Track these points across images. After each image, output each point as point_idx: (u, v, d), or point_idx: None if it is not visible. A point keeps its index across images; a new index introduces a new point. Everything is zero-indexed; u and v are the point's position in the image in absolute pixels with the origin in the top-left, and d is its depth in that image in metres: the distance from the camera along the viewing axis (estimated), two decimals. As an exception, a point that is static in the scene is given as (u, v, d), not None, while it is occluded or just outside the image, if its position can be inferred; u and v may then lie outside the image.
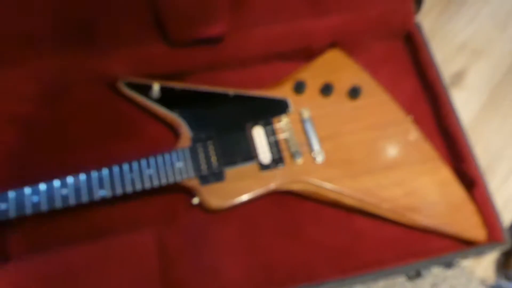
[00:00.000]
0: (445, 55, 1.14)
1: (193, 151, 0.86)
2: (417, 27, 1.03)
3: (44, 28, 0.88)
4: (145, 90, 0.92)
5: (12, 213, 0.81)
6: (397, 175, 0.88)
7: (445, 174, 0.89)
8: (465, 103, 1.09)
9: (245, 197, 0.85)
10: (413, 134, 0.91)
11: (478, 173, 0.90)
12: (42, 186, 0.83)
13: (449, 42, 1.15)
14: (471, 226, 0.86)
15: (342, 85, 0.94)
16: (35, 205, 0.82)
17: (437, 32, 1.16)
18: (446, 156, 0.95)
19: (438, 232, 0.86)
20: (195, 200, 0.86)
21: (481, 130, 1.06)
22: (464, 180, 0.90)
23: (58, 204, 0.82)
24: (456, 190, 0.88)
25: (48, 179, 0.84)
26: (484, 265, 1.05)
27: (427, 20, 1.17)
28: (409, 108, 0.94)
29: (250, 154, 0.87)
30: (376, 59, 1.04)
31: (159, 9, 0.86)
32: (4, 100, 0.96)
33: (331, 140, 0.90)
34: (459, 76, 1.11)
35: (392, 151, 0.90)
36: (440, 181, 0.89)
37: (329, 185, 0.86)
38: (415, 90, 1.02)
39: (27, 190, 0.82)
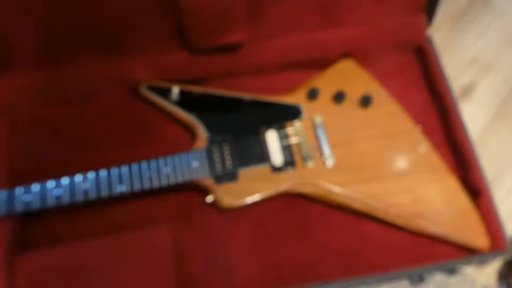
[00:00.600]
0: (455, 68, 1.17)
1: (208, 151, 0.91)
2: (428, 40, 1.07)
3: (70, 35, 0.93)
4: (165, 93, 0.97)
5: (35, 205, 0.86)
6: (405, 182, 0.91)
7: (451, 183, 0.92)
8: (473, 116, 1.11)
9: (256, 197, 0.88)
10: (422, 144, 0.94)
11: (484, 183, 0.92)
12: (65, 180, 0.87)
13: (459, 56, 1.18)
14: (475, 234, 0.89)
15: (354, 93, 0.98)
16: (57, 198, 0.86)
17: (448, 46, 1.19)
18: (453, 166, 0.98)
19: (443, 239, 0.89)
20: (209, 199, 0.90)
21: (489, 142, 1.08)
22: (470, 190, 0.93)
23: (79, 198, 0.86)
24: (462, 199, 0.91)
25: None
26: (486, 273, 1.06)
27: (438, 34, 1.20)
28: (418, 118, 0.98)
29: (263, 156, 0.91)
30: (387, 71, 1.07)
31: (180, 18, 0.91)
32: (34, 102, 1.01)
33: (341, 146, 0.93)
34: (468, 89, 1.14)
35: (400, 159, 0.93)
36: (446, 189, 0.91)
37: (338, 189, 0.89)
38: (424, 101, 1.05)
39: (50, 184, 0.87)
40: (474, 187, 0.93)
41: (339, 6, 1.01)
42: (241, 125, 0.94)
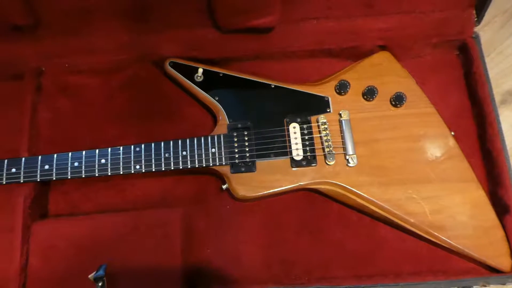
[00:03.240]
0: (500, 70, 1.08)
1: (228, 138, 0.88)
2: (475, 39, 0.99)
3: (100, 4, 0.90)
4: (189, 72, 0.94)
5: (53, 175, 0.87)
6: (429, 190, 0.86)
7: (479, 196, 0.87)
8: (513, 125, 1.04)
9: (272, 191, 0.86)
10: (452, 150, 0.89)
11: (515, 200, 0.87)
12: (84, 153, 0.87)
13: (506, 57, 1.09)
14: (497, 253, 0.84)
15: (386, 90, 0.92)
16: (74, 170, 0.87)
17: (496, 45, 1.10)
18: (483, 177, 0.92)
19: (462, 254, 0.85)
20: (225, 186, 0.88)
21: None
22: (497, 206, 0.88)
23: (96, 172, 0.87)
24: (488, 214, 0.86)
25: (91, 146, 0.89)
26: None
27: (486, 31, 1.11)
28: (453, 123, 0.92)
29: (283, 149, 0.88)
30: (426, 67, 1.01)
31: (211, -4, 0.87)
32: (59, 68, 1.01)
33: (366, 145, 0.89)
34: (511, 95, 1.06)
35: (427, 165, 0.88)
36: (472, 202, 0.86)
37: (356, 191, 0.86)
38: (462, 104, 0.99)
39: (69, 155, 0.87)
40: (503, 203, 0.88)
41: (382, -7, 0.95)
42: (264, 113, 0.91)
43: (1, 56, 0.99)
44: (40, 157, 0.87)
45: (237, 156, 0.87)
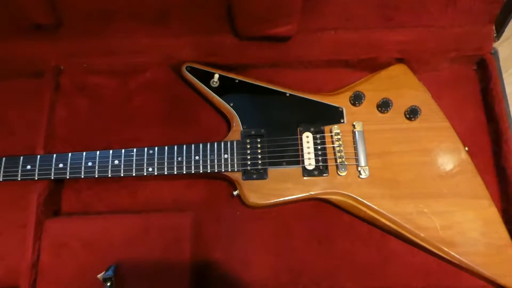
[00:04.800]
0: (518, 87, 1.07)
1: (241, 145, 0.89)
2: (494, 55, 0.98)
3: (122, 7, 0.92)
4: (205, 77, 0.95)
5: (68, 173, 0.88)
6: (441, 205, 0.86)
7: (491, 213, 0.86)
8: (529, 142, 1.02)
9: (283, 199, 0.87)
10: (466, 166, 0.88)
11: (528, 219, 0.86)
12: (98, 153, 0.88)
13: (525, 75, 1.09)
14: (508, 272, 0.83)
15: (401, 103, 0.92)
16: (89, 169, 0.88)
17: (514, 62, 1.10)
18: (496, 195, 0.92)
19: (472, 271, 0.84)
20: (236, 192, 0.88)
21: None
22: (510, 224, 0.87)
23: (109, 172, 0.87)
24: (500, 232, 0.85)
25: (105, 147, 0.90)
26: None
27: (505, 47, 1.11)
28: (468, 139, 0.91)
29: (296, 158, 0.88)
30: (442, 82, 1.01)
31: (231, 4, 0.88)
32: (79, 68, 1.02)
33: (379, 157, 0.89)
34: (529, 112, 1.05)
35: (440, 180, 0.87)
36: (484, 219, 0.86)
37: (367, 203, 0.86)
38: (478, 120, 0.98)
39: (84, 155, 0.88)
40: (516, 222, 0.87)
41: (401, 6, 0.95)
42: (278, 121, 0.91)
43: (22, 53, 1.01)
44: (55, 155, 0.89)
45: (249, 163, 0.87)
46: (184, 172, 0.87)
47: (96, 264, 0.86)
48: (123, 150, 0.89)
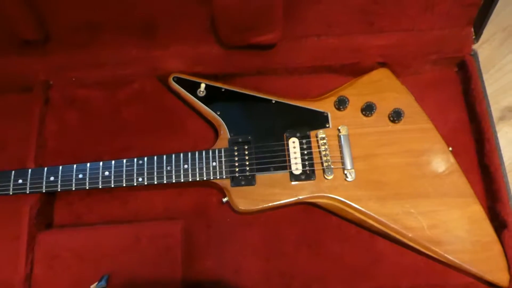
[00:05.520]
0: (499, 86, 1.09)
1: (229, 152, 0.90)
2: (473, 56, 1.01)
3: (109, 19, 0.94)
4: (192, 87, 0.97)
5: (58, 186, 0.89)
6: (426, 205, 0.87)
7: (476, 211, 0.87)
8: (512, 141, 1.05)
9: (271, 204, 0.88)
10: (450, 166, 0.90)
11: (512, 216, 0.88)
12: (88, 165, 0.90)
13: (505, 74, 1.10)
14: (495, 268, 0.85)
15: (385, 106, 0.94)
16: (80, 181, 0.89)
17: (495, 62, 1.12)
18: (481, 193, 0.93)
19: (460, 268, 0.86)
20: (225, 199, 0.90)
21: (525, 171, 1.03)
22: (495, 221, 0.88)
23: (100, 184, 0.89)
24: (486, 229, 0.87)
25: (96, 159, 0.91)
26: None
27: (486, 48, 1.13)
28: (451, 139, 0.93)
29: (283, 163, 0.90)
30: (424, 84, 1.03)
31: (214, 15, 0.90)
32: (68, 81, 1.04)
33: (364, 160, 0.90)
34: (511, 111, 1.07)
35: (425, 180, 0.89)
36: (470, 217, 0.87)
37: (354, 205, 0.87)
38: (460, 121, 1.00)
39: (74, 167, 0.90)
40: (501, 219, 0.88)
41: (381, 11, 0.97)
42: (264, 128, 0.93)
43: (12, 69, 1.03)
44: (46, 168, 0.90)
45: (237, 169, 0.89)
46: (174, 181, 0.88)
47: (89, 275, 0.87)
48: (113, 161, 0.90)
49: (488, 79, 1.09)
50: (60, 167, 0.90)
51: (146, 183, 0.88)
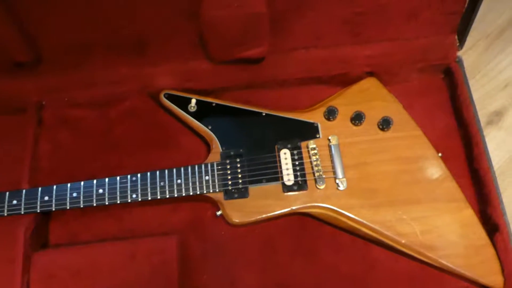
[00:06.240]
0: (485, 91, 1.11)
1: (221, 166, 0.91)
2: (458, 63, 1.03)
3: (99, 39, 0.95)
4: (183, 103, 0.98)
5: (52, 206, 0.89)
6: (418, 211, 0.88)
7: (468, 215, 0.88)
8: (501, 143, 1.06)
9: (265, 216, 0.89)
10: (440, 171, 0.91)
11: (503, 218, 0.89)
12: (82, 184, 0.90)
13: (491, 79, 1.13)
14: (488, 271, 0.85)
15: (373, 115, 0.95)
16: (74, 200, 0.89)
17: (480, 68, 1.14)
18: (472, 197, 0.94)
19: (454, 273, 0.86)
20: (219, 212, 0.90)
21: (515, 174, 1.04)
22: (487, 225, 0.89)
23: (94, 202, 0.89)
24: (478, 233, 0.88)
25: (90, 177, 0.92)
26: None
27: (472, 55, 1.15)
28: (440, 144, 0.94)
29: (275, 175, 0.91)
30: (412, 92, 1.05)
31: (202, 31, 0.91)
32: (60, 102, 1.05)
33: (355, 169, 0.91)
34: (498, 115, 1.09)
35: (416, 186, 0.90)
36: (462, 221, 0.88)
37: (347, 213, 0.88)
38: (449, 127, 1.01)
39: (68, 186, 0.90)
40: (492, 222, 0.89)
41: (367, 22, 0.99)
42: (256, 140, 0.94)
43: (4, 91, 1.03)
44: (40, 188, 0.90)
45: (230, 183, 0.90)
46: (168, 196, 0.89)
47: (85, 294, 0.87)
48: (106, 179, 0.90)
49: (474, 84, 1.11)
50: (54, 187, 0.90)
51: (140, 199, 0.89)
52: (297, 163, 0.92)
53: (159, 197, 0.89)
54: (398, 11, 0.96)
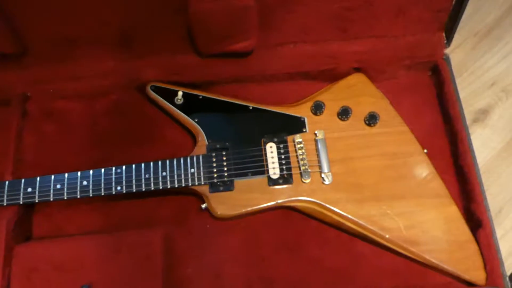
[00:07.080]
0: (472, 89, 1.12)
1: (207, 158, 0.91)
2: (445, 60, 1.03)
3: (86, 32, 0.94)
4: (169, 95, 0.98)
5: (36, 198, 0.88)
6: (403, 206, 0.89)
7: (452, 211, 0.89)
8: (486, 141, 1.07)
9: (250, 209, 0.88)
10: (425, 167, 0.91)
11: (487, 215, 0.89)
12: (66, 175, 0.89)
13: (478, 77, 1.13)
14: (471, 267, 0.86)
15: (360, 110, 0.96)
16: (57, 192, 0.88)
17: (468, 66, 1.14)
18: (456, 194, 0.95)
19: (437, 268, 0.86)
20: (204, 205, 0.90)
21: (500, 171, 1.04)
22: (471, 221, 0.90)
23: (78, 194, 0.88)
24: (461, 229, 0.88)
25: (75, 170, 0.91)
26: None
27: (459, 53, 1.16)
28: (426, 141, 0.95)
29: (261, 168, 0.91)
30: (400, 88, 1.05)
31: (190, 24, 0.91)
32: (45, 94, 1.04)
33: (341, 163, 0.91)
34: (484, 113, 1.10)
35: (401, 182, 0.90)
36: (446, 217, 0.88)
37: (332, 208, 0.88)
38: (435, 123, 1.02)
39: (52, 178, 0.89)
40: (476, 218, 0.90)
41: (355, 18, 0.99)
42: (242, 134, 0.94)
43: (-11, 83, 1.02)
44: (23, 180, 0.89)
45: (215, 175, 0.89)
46: (152, 189, 0.88)
47: (68, 286, 0.86)
48: (91, 171, 0.90)
49: (461, 82, 1.12)
50: (38, 178, 0.89)
51: (125, 191, 0.88)
52: (283, 156, 0.91)
53: (144, 189, 0.88)
54: (386, 8, 0.97)
